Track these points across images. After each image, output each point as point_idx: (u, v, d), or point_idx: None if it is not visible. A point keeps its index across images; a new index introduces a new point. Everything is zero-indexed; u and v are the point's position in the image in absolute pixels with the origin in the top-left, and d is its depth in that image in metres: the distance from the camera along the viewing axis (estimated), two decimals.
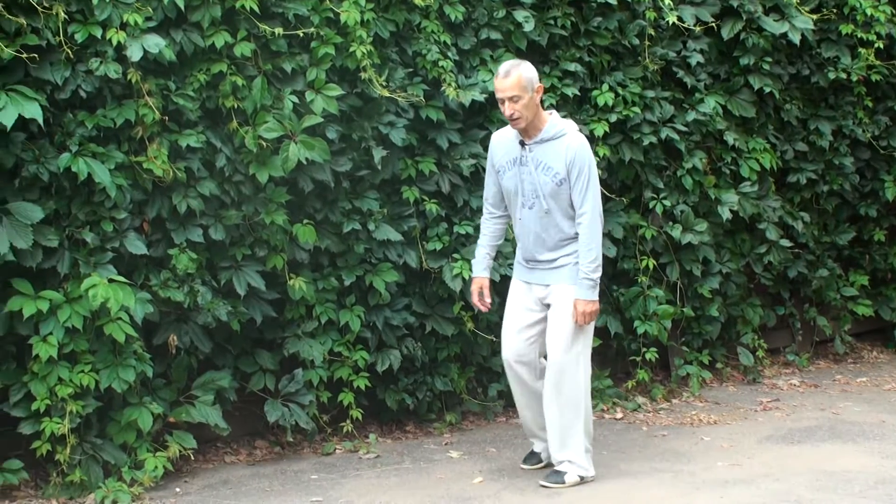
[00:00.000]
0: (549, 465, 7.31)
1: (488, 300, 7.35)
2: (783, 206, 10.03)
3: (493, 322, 8.44)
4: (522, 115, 6.89)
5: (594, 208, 6.98)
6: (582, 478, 7.12)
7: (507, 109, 6.88)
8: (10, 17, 6.70)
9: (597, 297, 7.02)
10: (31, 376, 6.83)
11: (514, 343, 7.23)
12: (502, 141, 7.20)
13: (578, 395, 7.06)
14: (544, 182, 6.98)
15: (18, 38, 6.74)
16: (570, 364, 7.03)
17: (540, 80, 7.03)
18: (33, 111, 6.63)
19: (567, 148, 6.96)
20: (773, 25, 9.61)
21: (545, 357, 7.18)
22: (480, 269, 7.37)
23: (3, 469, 6.88)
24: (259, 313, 7.61)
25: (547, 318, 7.13)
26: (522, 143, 7.04)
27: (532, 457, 7.52)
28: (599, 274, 7.02)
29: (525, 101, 6.86)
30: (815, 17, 9.82)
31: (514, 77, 6.85)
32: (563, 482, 7.07)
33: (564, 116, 8.52)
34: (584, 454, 7.16)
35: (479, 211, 8.29)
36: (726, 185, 9.60)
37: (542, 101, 7.07)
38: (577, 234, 7.01)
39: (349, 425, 7.98)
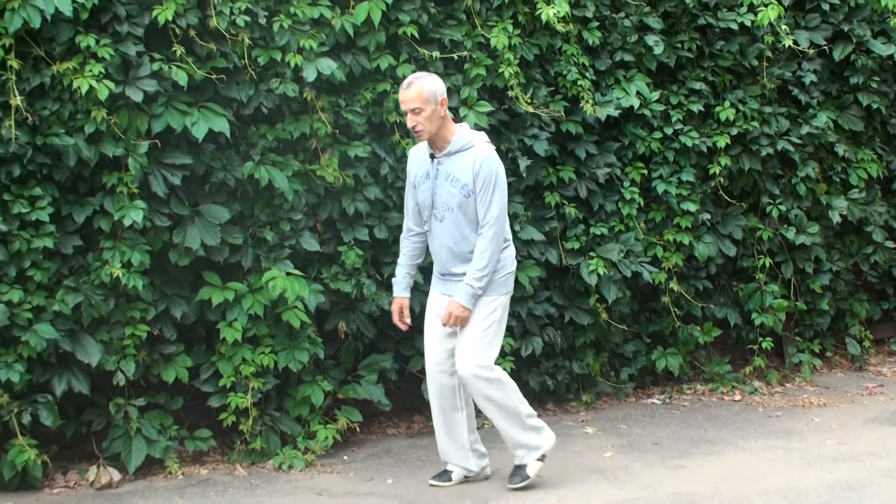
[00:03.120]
0: (465, 481, 6.56)
1: (408, 320, 6.53)
2: (889, 210, 9.72)
3: (625, 314, 8.28)
4: (425, 128, 6.11)
5: (497, 220, 6.11)
6: (540, 459, 6.39)
7: (409, 121, 6.12)
8: (202, 42, 6.75)
9: (472, 307, 6.15)
10: (218, 357, 6.90)
11: (434, 353, 6.40)
12: (416, 155, 6.40)
13: (507, 393, 6.24)
14: (453, 194, 6.15)
15: (209, 61, 6.79)
16: (485, 374, 6.17)
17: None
18: (221, 125, 6.68)
19: (475, 159, 6.12)
20: (881, 48, 9.29)
21: None
22: (400, 289, 6.52)
23: (194, 437, 6.99)
24: (417, 303, 7.48)
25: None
26: (432, 157, 6.25)
27: (444, 474, 6.59)
28: (483, 284, 6.12)
29: (427, 113, 6.09)
30: None
31: (416, 89, 6.09)
32: (528, 477, 6.36)
33: (685, 132, 8.34)
34: (534, 433, 6.36)
35: (614, 214, 8.19)
36: (836, 192, 9.32)
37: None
38: None
39: None
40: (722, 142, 8.56)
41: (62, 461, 6.75)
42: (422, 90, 6.10)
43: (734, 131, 8.65)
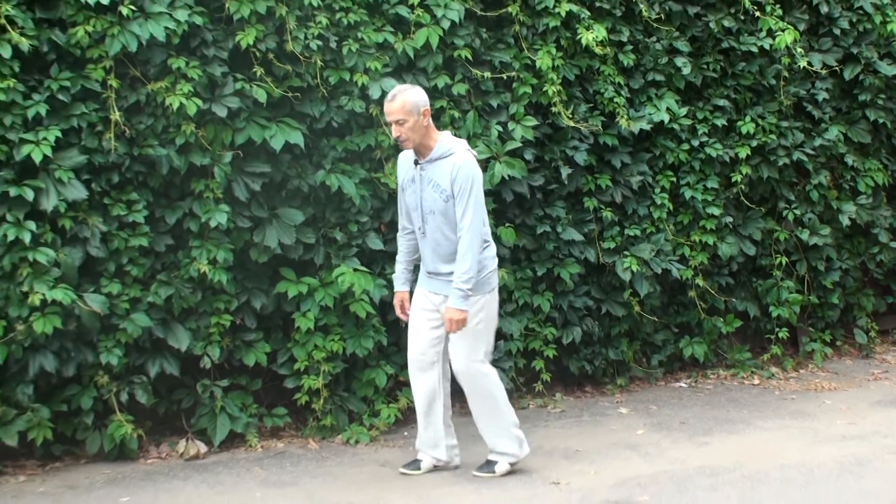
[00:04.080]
0: (434, 469, 6.31)
1: (409, 312, 6.22)
2: (893, 214, 9.58)
3: (655, 307, 8.22)
4: (409, 138, 5.81)
5: (473, 224, 5.77)
6: (512, 465, 6.17)
7: (394, 131, 5.83)
8: (279, 64, 6.75)
9: (466, 307, 5.81)
10: (293, 343, 6.89)
11: (416, 344, 6.12)
12: (404, 160, 6.09)
13: (494, 392, 6.05)
14: (435, 199, 5.86)
15: (286, 80, 6.79)
16: (477, 368, 5.99)
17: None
18: (296, 138, 6.68)
19: (453, 166, 5.79)
20: (887, 69, 9.15)
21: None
22: (400, 283, 6.24)
23: (272, 415, 6.99)
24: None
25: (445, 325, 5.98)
26: (416, 163, 5.96)
27: (414, 463, 6.32)
28: (470, 286, 5.79)
29: (410, 123, 5.77)
30: None
31: (399, 101, 5.78)
32: (494, 472, 6.14)
33: (710, 144, 8.26)
34: (513, 443, 6.16)
35: (646, 217, 8.12)
36: (846, 198, 9.20)
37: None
38: None
39: (540, 386, 7.83)
40: (743, 153, 8.48)
41: (155, 435, 6.77)
42: (405, 102, 5.80)
43: (754, 143, 8.56)
